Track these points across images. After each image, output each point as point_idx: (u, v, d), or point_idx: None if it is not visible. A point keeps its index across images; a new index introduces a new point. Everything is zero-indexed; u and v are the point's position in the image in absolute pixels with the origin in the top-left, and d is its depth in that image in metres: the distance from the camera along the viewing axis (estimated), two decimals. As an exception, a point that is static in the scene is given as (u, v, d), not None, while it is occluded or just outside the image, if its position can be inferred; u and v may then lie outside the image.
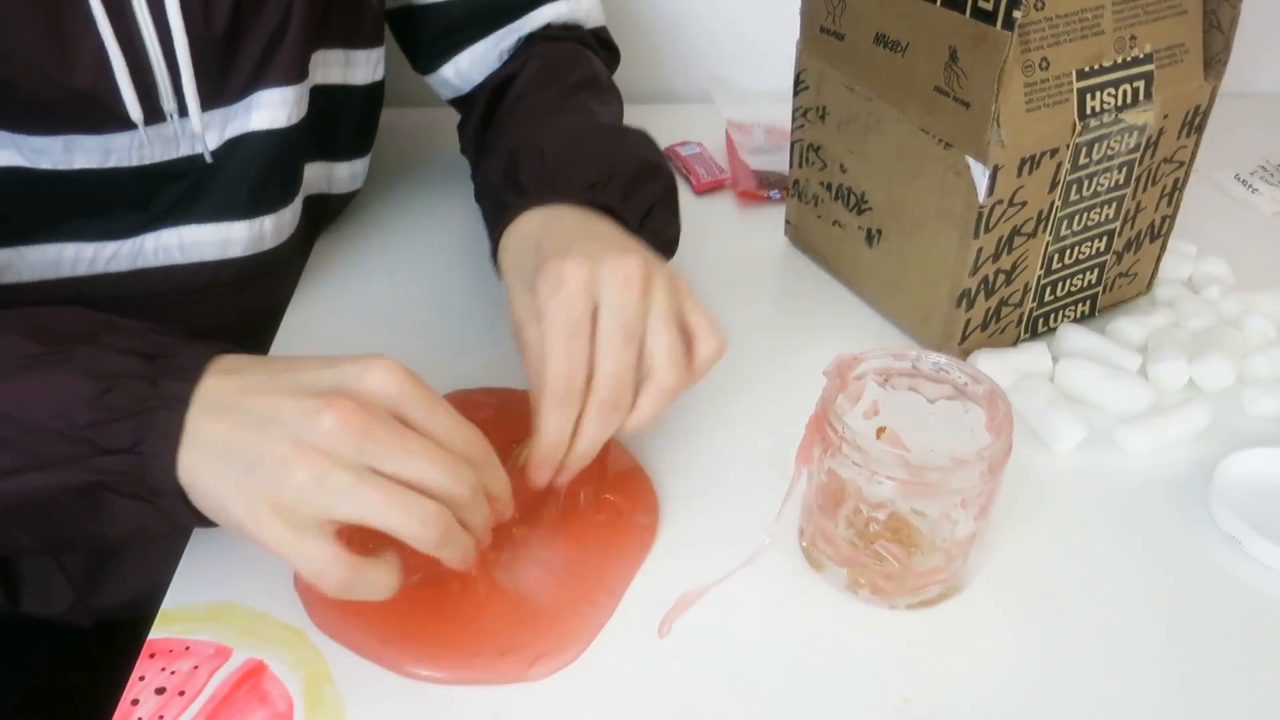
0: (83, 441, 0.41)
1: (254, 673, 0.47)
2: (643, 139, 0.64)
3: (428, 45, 0.76)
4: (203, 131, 0.61)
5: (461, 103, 0.78)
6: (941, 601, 0.51)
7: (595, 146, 0.61)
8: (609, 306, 0.47)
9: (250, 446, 0.41)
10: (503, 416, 0.58)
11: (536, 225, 0.55)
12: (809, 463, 0.51)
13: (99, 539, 0.45)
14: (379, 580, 0.43)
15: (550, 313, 0.47)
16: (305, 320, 0.71)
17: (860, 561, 0.51)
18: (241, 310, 0.69)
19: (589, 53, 0.76)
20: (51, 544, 0.53)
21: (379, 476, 0.41)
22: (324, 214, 0.77)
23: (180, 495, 0.42)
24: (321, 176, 0.74)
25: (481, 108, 0.73)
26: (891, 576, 0.50)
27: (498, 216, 0.58)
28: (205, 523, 0.43)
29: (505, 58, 0.75)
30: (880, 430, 0.53)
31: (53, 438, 0.41)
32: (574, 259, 0.48)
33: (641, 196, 0.59)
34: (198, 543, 0.53)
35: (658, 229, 0.60)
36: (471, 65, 0.75)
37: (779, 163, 0.85)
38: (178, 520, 0.44)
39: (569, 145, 0.61)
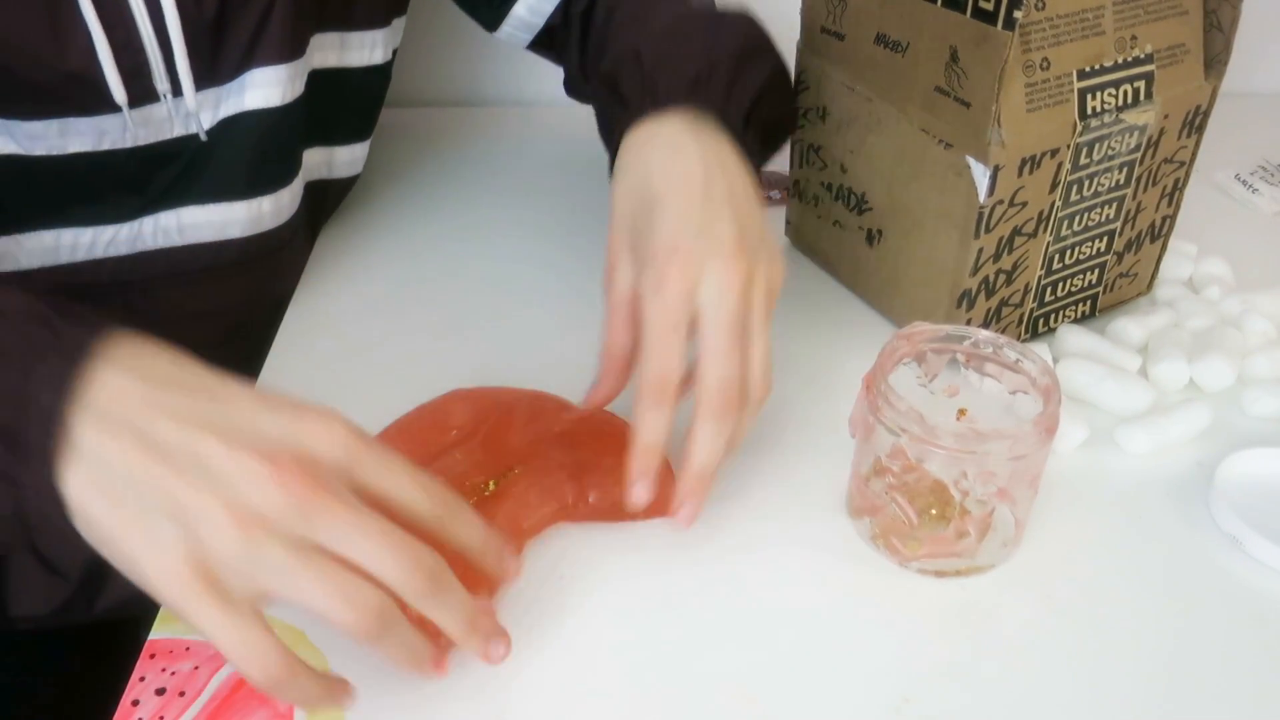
0: None
1: (254, 673, 0.47)
2: (742, 19, 0.62)
3: None
4: (197, 110, 0.61)
5: (544, 41, 0.76)
6: (956, 576, 0.52)
7: (691, 40, 0.59)
8: (710, 313, 0.47)
9: (167, 489, 0.34)
10: (503, 419, 0.58)
11: (643, 149, 0.53)
12: (858, 426, 0.53)
13: None
14: (310, 690, 0.37)
15: (651, 312, 0.47)
16: (308, 315, 0.71)
17: (880, 511, 0.52)
18: (242, 295, 0.69)
19: None
20: None
21: (320, 555, 0.35)
22: (325, 200, 0.77)
23: (56, 502, 0.35)
24: (322, 162, 0.74)
25: (576, 36, 0.72)
26: (902, 534, 0.51)
27: (608, 135, 0.57)
28: (74, 546, 0.36)
29: None
30: (961, 412, 0.55)
31: None
32: (678, 263, 0.47)
33: (745, 85, 0.58)
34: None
35: (769, 115, 0.59)
36: None
37: (779, 163, 0.85)
38: (37, 523, 0.36)
39: (665, 43, 0.59)
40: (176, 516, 0.34)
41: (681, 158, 0.52)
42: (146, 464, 0.35)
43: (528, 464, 0.54)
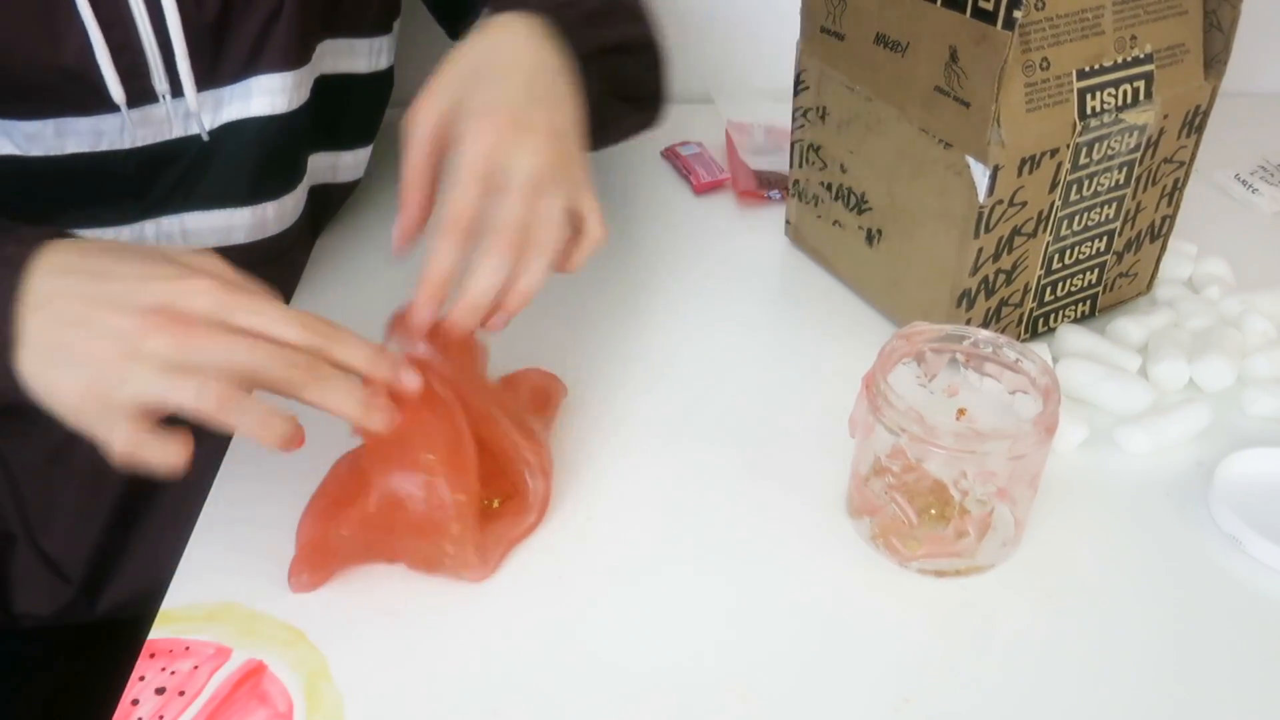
0: None
1: (254, 673, 0.47)
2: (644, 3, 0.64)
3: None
4: (198, 111, 0.61)
5: None
6: (956, 576, 0.52)
7: None
8: (514, 174, 0.49)
9: (76, 349, 0.44)
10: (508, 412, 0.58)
11: (503, 27, 0.55)
12: (858, 426, 0.53)
13: None
14: (158, 450, 0.44)
15: (462, 157, 0.50)
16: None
17: (880, 511, 0.52)
18: None
19: None
20: None
21: (186, 370, 0.43)
22: (327, 204, 0.77)
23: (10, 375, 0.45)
24: (326, 167, 0.74)
25: None
26: (902, 534, 0.51)
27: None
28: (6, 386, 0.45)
29: None
30: (961, 412, 0.55)
31: None
32: (498, 124, 0.50)
33: (606, 33, 0.60)
34: (198, 542, 0.53)
35: (619, 75, 0.61)
36: None
37: (779, 163, 0.85)
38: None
39: None
40: (80, 364, 0.44)
41: (533, 52, 0.55)
42: (63, 336, 0.44)
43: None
